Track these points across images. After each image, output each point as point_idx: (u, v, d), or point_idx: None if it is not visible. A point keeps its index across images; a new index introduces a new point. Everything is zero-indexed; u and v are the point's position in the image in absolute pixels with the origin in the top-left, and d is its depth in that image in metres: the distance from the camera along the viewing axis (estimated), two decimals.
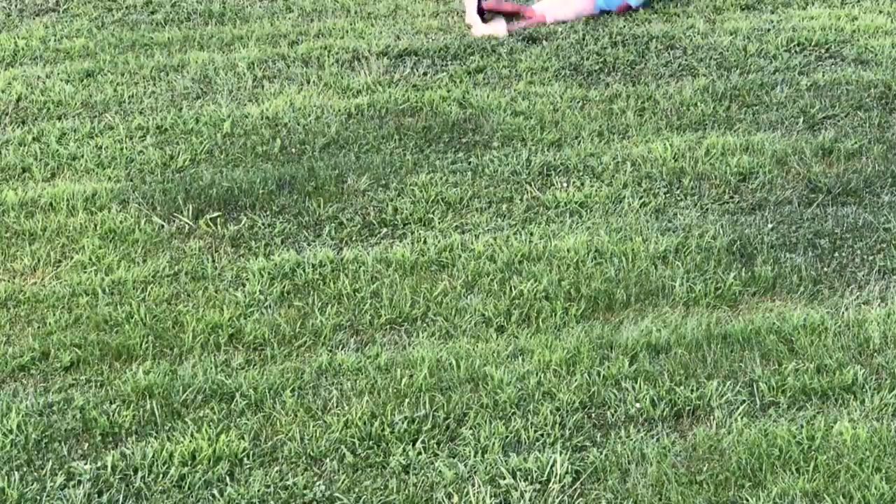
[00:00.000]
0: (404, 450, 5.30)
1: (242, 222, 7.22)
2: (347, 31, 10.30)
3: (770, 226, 7.11)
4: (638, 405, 5.56)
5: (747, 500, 5.01)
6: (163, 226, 7.17)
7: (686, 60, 9.57)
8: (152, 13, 10.79)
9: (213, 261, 6.82)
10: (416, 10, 10.79)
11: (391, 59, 9.67)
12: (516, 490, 5.08)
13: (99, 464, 5.23)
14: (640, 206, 7.36)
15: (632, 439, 5.36)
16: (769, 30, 10.19)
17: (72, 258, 6.84)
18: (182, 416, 5.52)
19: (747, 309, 6.36)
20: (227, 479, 5.17)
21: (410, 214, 7.28)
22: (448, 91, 9.00)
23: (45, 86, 9.19)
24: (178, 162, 7.96)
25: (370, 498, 5.06)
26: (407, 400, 5.61)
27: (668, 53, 9.72)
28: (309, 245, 6.99)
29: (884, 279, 6.62)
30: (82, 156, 8.07)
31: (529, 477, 5.14)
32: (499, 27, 8.42)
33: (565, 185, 7.61)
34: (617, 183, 7.64)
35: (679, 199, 7.47)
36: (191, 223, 7.19)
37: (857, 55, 9.64)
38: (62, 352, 5.98)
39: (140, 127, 8.47)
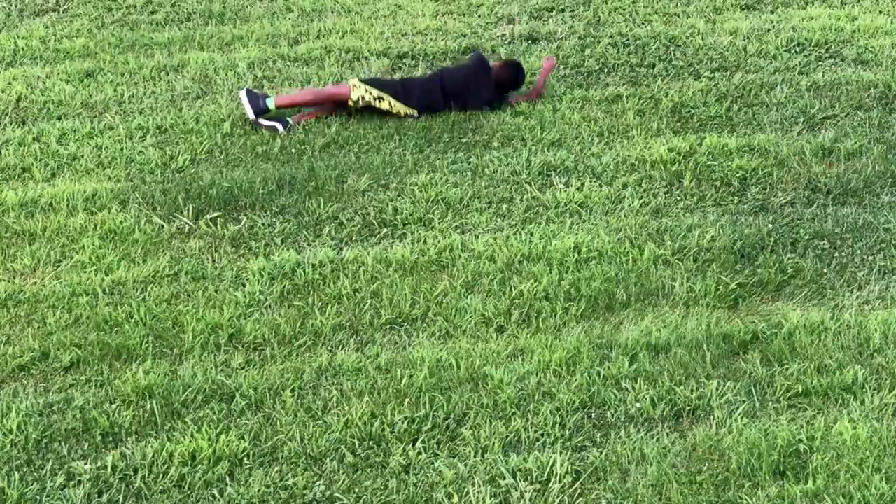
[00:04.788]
0: (404, 450, 5.30)
1: (242, 222, 7.21)
2: (347, 31, 10.30)
3: (770, 226, 7.11)
4: (638, 405, 5.56)
5: (747, 500, 5.01)
6: (163, 226, 7.17)
7: (686, 61, 9.57)
8: (152, 13, 10.79)
9: (213, 261, 6.82)
10: (416, 11, 10.79)
11: (391, 59, 9.67)
12: (516, 490, 5.08)
13: (99, 464, 5.23)
14: (640, 206, 7.36)
15: (632, 439, 5.35)
16: (769, 30, 10.19)
17: (72, 258, 6.83)
18: (182, 416, 5.52)
19: (747, 309, 6.36)
20: (227, 479, 5.17)
21: (410, 214, 7.28)
22: None
23: (45, 86, 9.19)
24: (178, 162, 7.96)
25: (370, 498, 5.06)
26: (407, 400, 5.61)
27: (669, 54, 9.72)
28: (309, 245, 6.98)
29: (884, 279, 6.61)
30: (82, 156, 8.07)
31: (529, 477, 5.14)
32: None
33: (562, 186, 7.60)
34: (617, 183, 7.64)
35: (679, 199, 7.47)
36: (191, 223, 7.19)
37: (857, 55, 9.64)
38: (62, 352, 5.97)
39: (140, 127, 8.47)
